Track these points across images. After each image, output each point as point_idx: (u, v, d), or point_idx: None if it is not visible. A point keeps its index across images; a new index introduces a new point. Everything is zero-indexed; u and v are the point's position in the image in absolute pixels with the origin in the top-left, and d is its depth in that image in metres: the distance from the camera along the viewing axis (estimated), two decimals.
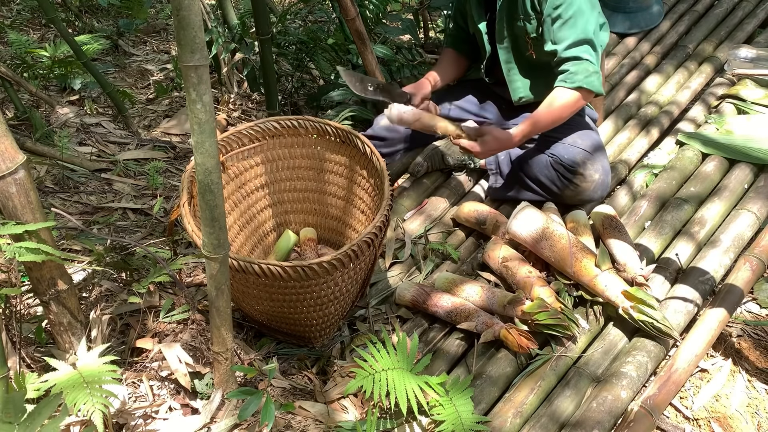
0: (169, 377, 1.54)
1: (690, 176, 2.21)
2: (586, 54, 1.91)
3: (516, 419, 1.51)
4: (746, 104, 2.49)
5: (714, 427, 1.58)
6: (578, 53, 1.91)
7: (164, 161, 2.54)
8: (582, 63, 1.91)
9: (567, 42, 1.91)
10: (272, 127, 1.88)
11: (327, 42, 2.91)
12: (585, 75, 1.91)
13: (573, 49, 1.91)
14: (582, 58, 1.91)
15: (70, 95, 2.91)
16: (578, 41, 1.91)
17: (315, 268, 1.46)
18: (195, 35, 1.04)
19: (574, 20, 1.89)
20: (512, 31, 2.05)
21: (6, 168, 1.24)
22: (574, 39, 1.90)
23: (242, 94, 3.10)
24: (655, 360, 1.64)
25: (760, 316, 1.86)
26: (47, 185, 2.27)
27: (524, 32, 2.01)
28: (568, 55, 1.92)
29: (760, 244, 1.84)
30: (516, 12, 1.99)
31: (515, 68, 2.12)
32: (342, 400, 1.59)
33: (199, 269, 1.95)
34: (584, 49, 1.91)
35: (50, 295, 1.39)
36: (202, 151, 1.14)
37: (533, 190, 2.11)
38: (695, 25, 3.10)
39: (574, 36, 1.90)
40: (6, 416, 1.11)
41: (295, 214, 2.06)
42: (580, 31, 1.90)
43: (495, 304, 1.74)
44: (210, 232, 1.25)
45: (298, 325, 1.68)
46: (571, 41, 1.91)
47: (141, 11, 3.62)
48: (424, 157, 2.31)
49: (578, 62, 1.92)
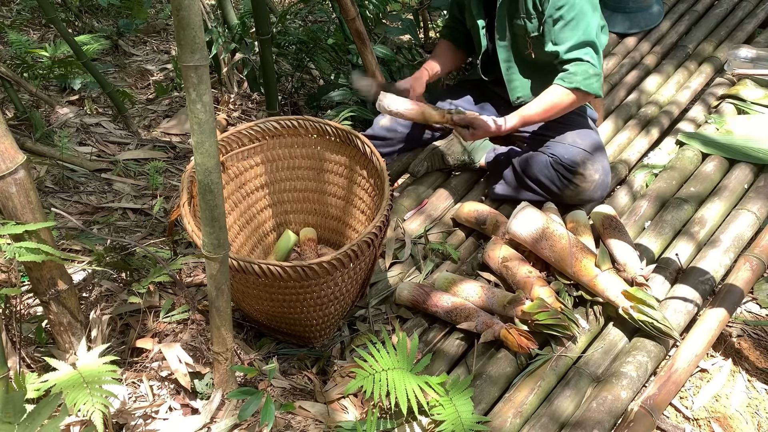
0: (169, 377, 1.54)
1: (690, 176, 2.21)
2: (588, 56, 1.92)
3: (516, 419, 1.51)
4: (746, 104, 2.49)
5: (714, 427, 1.58)
6: (580, 55, 1.92)
7: (164, 161, 2.54)
8: (583, 65, 1.92)
9: (569, 44, 1.92)
10: (272, 127, 1.88)
11: (327, 42, 2.91)
12: (584, 77, 1.92)
13: (574, 51, 1.92)
14: (583, 60, 1.92)
15: (70, 95, 2.91)
16: (580, 43, 1.91)
17: (315, 268, 1.46)
18: (195, 35, 1.04)
19: (576, 22, 1.90)
20: (512, 30, 2.05)
21: (6, 168, 1.24)
22: (575, 41, 1.91)
23: (242, 94, 3.10)
24: (655, 360, 1.64)
25: (760, 316, 1.86)
26: (47, 185, 2.27)
27: (524, 31, 2.01)
28: (569, 57, 1.93)
29: (760, 244, 1.84)
30: (517, 10, 1.99)
31: (514, 67, 2.13)
32: (342, 400, 1.59)
33: (199, 269, 1.95)
34: (586, 51, 1.92)
35: (50, 295, 1.39)
36: (202, 151, 1.14)
37: (533, 190, 2.11)
38: (695, 25, 3.10)
39: (575, 38, 1.91)
40: (6, 416, 1.11)
41: (295, 214, 2.06)
42: (581, 32, 1.90)
43: (495, 304, 1.74)
44: (210, 232, 1.25)
45: (298, 325, 1.68)
46: (572, 43, 1.91)
47: (141, 11, 3.62)
48: (424, 157, 2.31)
49: (579, 64, 1.93)
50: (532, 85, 2.13)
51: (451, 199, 2.22)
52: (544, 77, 2.03)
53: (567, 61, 1.94)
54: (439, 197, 2.22)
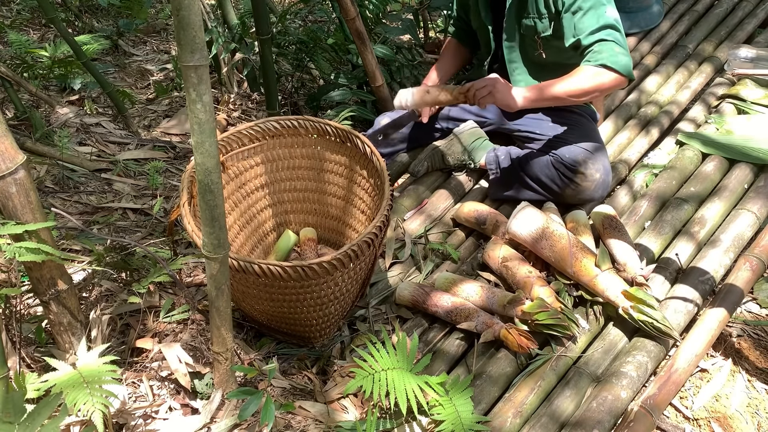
0: (169, 377, 1.54)
1: (690, 176, 2.21)
2: (611, 36, 1.85)
3: (516, 419, 1.51)
4: (746, 104, 2.49)
5: (714, 427, 1.58)
6: (602, 36, 1.85)
7: (164, 161, 2.54)
8: (607, 44, 1.84)
9: (589, 30, 1.87)
10: (272, 127, 1.88)
11: (327, 42, 2.91)
12: (610, 53, 1.83)
13: (596, 34, 1.86)
14: (606, 40, 1.84)
15: (70, 95, 2.91)
16: (600, 27, 1.86)
17: (315, 268, 1.46)
18: (195, 35, 1.04)
19: (594, 10, 1.86)
20: (520, 30, 2.04)
21: (6, 168, 1.24)
22: (595, 26, 1.86)
23: (242, 94, 3.10)
24: (655, 360, 1.64)
25: (760, 316, 1.86)
26: (47, 185, 2.27)
27: (534, 31, 2.00)
28: (592, 41, 1.86)
29: (760, 244, 1.84)
30: (526, 10, 1.98)
31: (521, 68, 2.12)
32: (342, 400, 1.59)
33: (199, 269, 1.95)
34: (608, 32, 1.85)
35: (50, 295, 1.39)
36: (202, 151, 1.14)
37: (533, 190, 2.11)
38: (695, 25, 3.10)
39: (595, 23, 1.86)
40: (6, 416, 1.11)
41: (295, 214, 2.06)
42: (600, 17, 1.85)
43: (495, 304, 1.74)
44: (210, 232, 1.25)
45: (299, 325, 1.68)
46: (593, 28, 1.86)
47: (141, 11, 3.62)
48: (424, 157, 2.31)
49: (603, 43, 1.85)
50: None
51: (451, 199, 2.22)
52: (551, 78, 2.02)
53: (589, 45, 1.87)
54: (439, 197, 2.22)
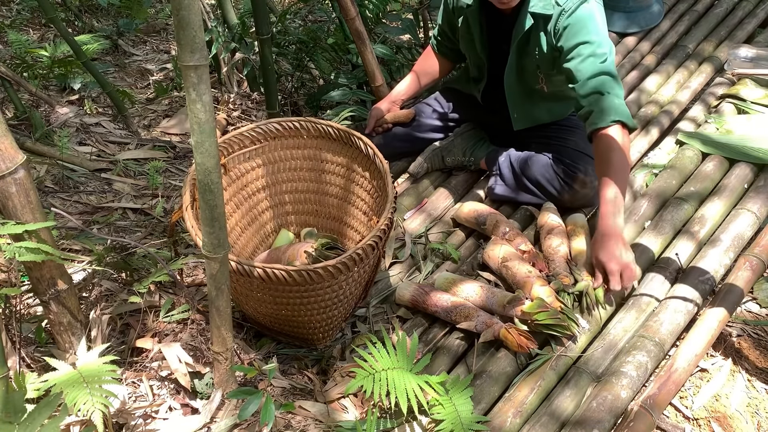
0: (169, 377, 1.54)
1: (690, 176, 2.21)
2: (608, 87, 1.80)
3: (516, 418, 1.51)
4: (746, 104, 2.49)
5: (714, 426, 1.58)
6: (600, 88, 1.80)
7: (164, 161, 2.54)
8: (607, 97, 1.80)
9: (586, 75, 1.81)
10: (273, 128, 1.88)
11: (327, 42, 2.91)
12: (616, 109, 1.79)
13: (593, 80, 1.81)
14: (604, 93, 1.80)
15: (70, 95, 2.91)
16: (597, 73, 1.81)
17: (320, 272, 1.45)
18: (195, 35, 1.04)
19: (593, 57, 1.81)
20: (522, 65, 2.02)
21: (6, 168, 1.24)
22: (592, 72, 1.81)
23: (242, 93, 3.10)
24: (655, 359, 1.64)
25: (760, 316, 1.86)
26: (47, 185, 2.27)
27: (535, 67, 1.99)
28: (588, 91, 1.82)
29: (760, 244, 1.84)
30: (529, 46, 1.96)
31: (519, 96, 2.10)
32: (342, 400, 1.59)
33: (199, 269, 1.95)
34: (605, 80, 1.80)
35: (50, 295, 1.39)
36: (202, 151, 1.14)
37: (531, 192, 2.10)
38: (695, 24, 3.10)
39: (592, 69, 1.81)
40: (6, 416, 1.11)
41: (296, 215, 2.06)
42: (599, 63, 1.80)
43: (495, 303, 1.74)
44: (210, 231, 1.25)
45: (302, 327, 1.68)
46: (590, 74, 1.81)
47: (141, 11, 3.62)
48: (424, 157, 2.31)
49: (602, 97, 1.80)
50: (537, 112, 2.13)
51: (451, 199, 2.22)
52: (550, 105, 2.02)
53: (587, 95, 1.82)
54: (439, 197, 2.22)
